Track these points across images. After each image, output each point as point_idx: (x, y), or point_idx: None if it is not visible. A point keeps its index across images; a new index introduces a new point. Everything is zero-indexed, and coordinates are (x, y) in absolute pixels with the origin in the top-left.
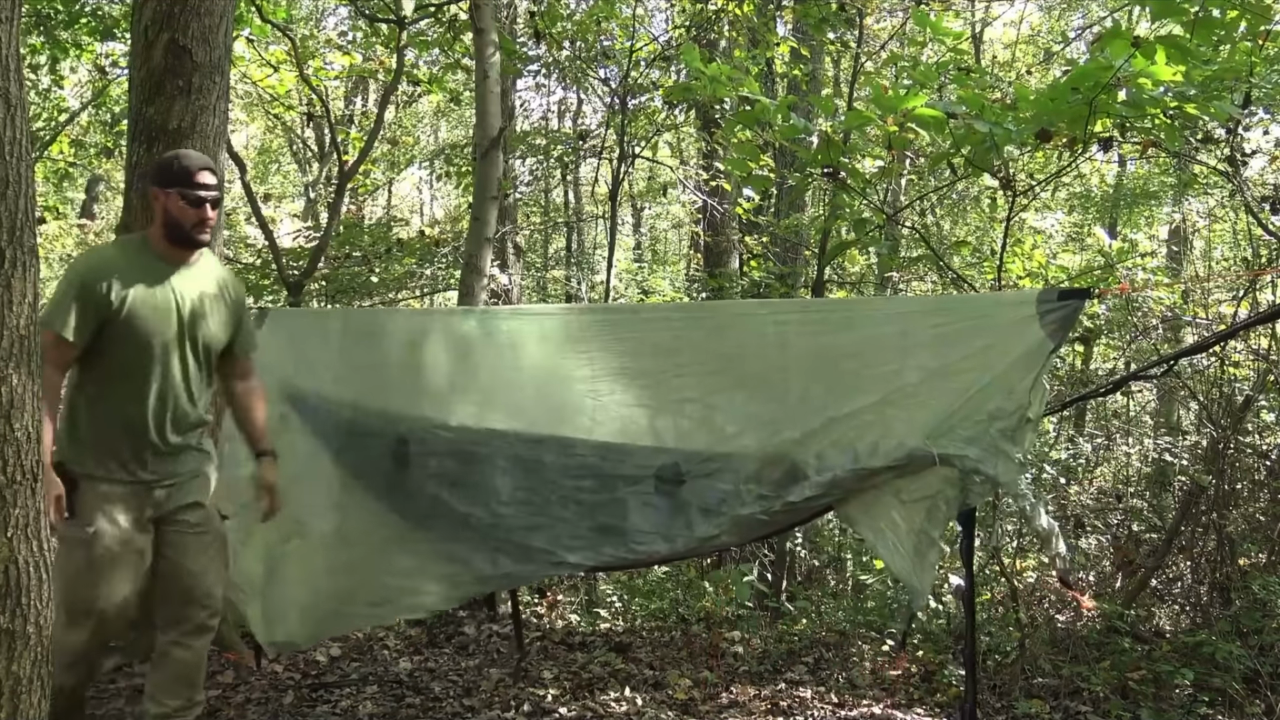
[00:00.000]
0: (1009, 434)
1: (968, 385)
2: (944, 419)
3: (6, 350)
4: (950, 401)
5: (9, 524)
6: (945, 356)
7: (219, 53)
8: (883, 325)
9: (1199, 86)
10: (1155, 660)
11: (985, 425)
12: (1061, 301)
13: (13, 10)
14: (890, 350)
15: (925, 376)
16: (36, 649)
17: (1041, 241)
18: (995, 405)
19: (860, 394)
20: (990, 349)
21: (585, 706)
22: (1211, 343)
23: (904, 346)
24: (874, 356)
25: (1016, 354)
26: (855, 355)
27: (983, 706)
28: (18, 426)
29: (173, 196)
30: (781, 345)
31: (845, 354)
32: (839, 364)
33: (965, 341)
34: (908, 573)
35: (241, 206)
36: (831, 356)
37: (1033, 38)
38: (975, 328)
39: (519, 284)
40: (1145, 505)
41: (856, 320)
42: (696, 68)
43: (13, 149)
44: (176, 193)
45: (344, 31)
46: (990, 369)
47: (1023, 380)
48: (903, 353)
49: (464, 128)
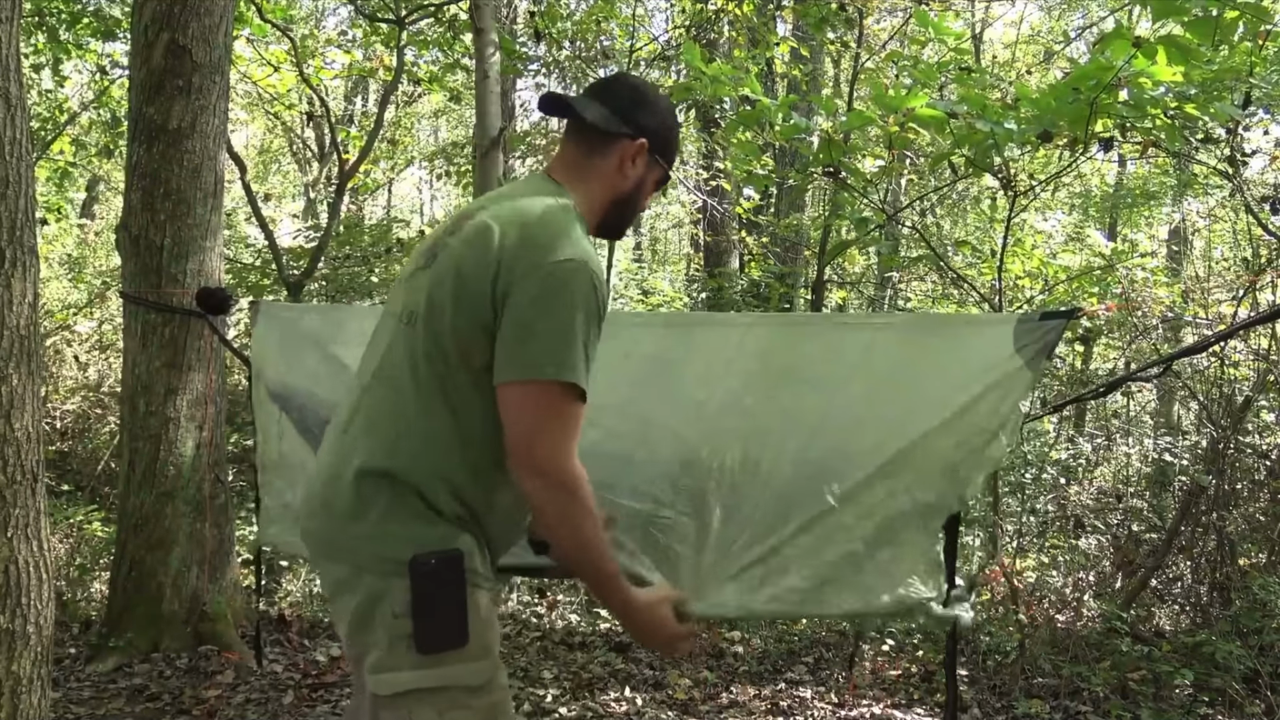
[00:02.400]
0: (968, 461)
1: (929, 415)
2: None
3: (6, 350)
4: (908, 430)
5: (9, 524)
6: (908, 378)
7: (219, 53)
8: (841, 341)
9: (1199, 86)
10: (1155, 660)
11: (947, 455)
12: (1042, 322)
13: (13, 10)
14: (844, 368)
15: (879, 397)
16: (36, 649)
17: (1042, 241)
18: (958, 438)
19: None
20: (960, 374)
21: (585, 706)
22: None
23: (863, 366)
24: (824, 373)
25: (988, 382)
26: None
27: (983, 706)
28: (18, 426)
29: None
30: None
31: (790, 368)
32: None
33: (931, 365)
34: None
35: (241, 206)
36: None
37: (1033, 38)
38: (945, 351)
39: None
40: (1145, 505)
41: (811, 334)
42: (697, 67)
43: (13, 149)
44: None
45: (344, 31)
46: (955, 399)
47: (994, 411)
48: (858, 373)
49: (464, 128)
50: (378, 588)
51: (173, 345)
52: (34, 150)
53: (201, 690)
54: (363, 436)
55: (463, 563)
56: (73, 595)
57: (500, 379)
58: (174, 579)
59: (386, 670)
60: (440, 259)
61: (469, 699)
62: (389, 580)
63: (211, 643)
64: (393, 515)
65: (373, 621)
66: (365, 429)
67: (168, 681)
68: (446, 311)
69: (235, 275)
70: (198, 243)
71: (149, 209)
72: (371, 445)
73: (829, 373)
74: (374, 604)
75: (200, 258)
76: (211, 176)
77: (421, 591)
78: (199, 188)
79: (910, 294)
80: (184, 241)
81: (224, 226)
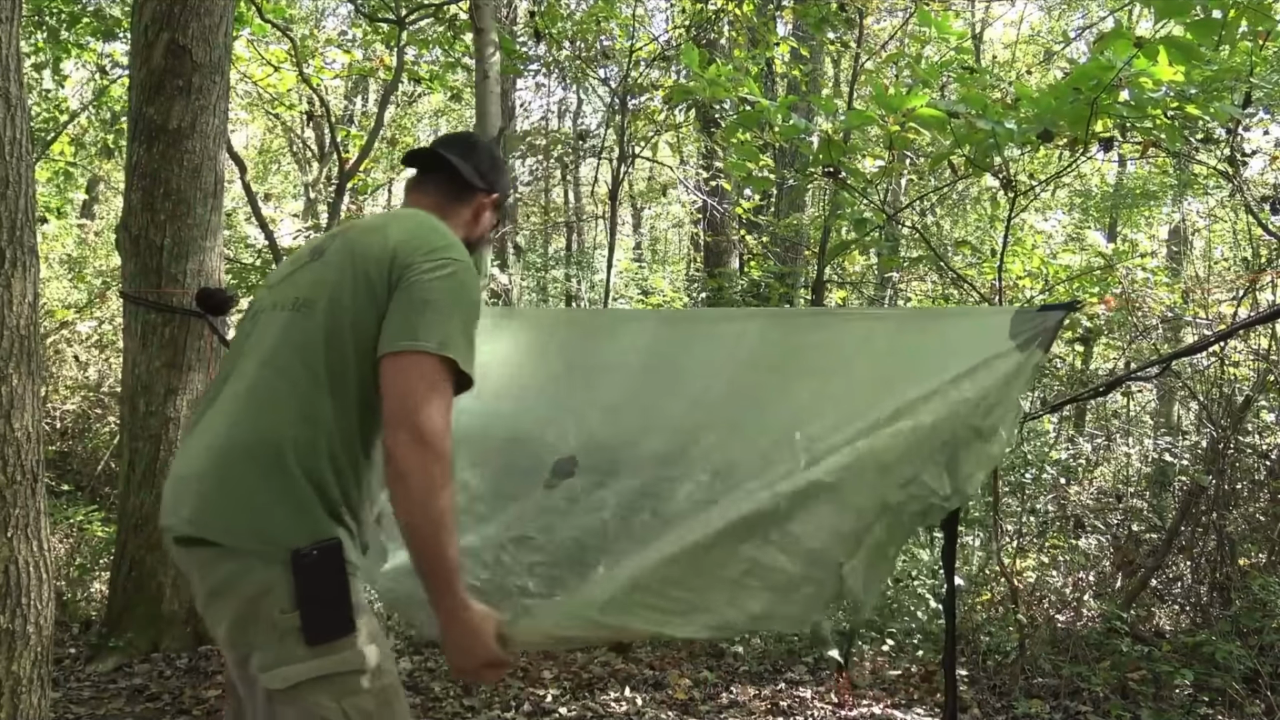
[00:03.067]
0: (968, 456)
1: (927, 409)
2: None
3: (6, 350)
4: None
5: (9, 524)
6: (904, 372)
7: (219, 53)
8: (838, 333)
9: (1200, 86)
10: (1155, 660)
11: (945, 446)
12: (1041, 313)
13: (13, 10)
14: (841, 360)
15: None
16: (36, 649)
17: (1042, 241)
18: (956, 428)
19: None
20: (956, 368)
21: (585, 706)
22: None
23: (857, 356)
24: (821, 363)
25: (988, 374)
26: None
27: (983, 706)
28: (18, 426)
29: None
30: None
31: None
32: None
33: (929, 359)
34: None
35: (241, 206)
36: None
37: (1033, 37)
38: (941, 345)
39: (519, 284)
40: (1145, 505)
41: (808, 327)
42: (696, 69)
43: (13, 149)
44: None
45: (344, 30)
46: (954, 392)
47: (994, 402)
48: (852, 363)
49: (464, 127)
50: (261, 582)
51: (173, 345)
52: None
53: (201, 690)
54: (250, 418)
55: (341, 551)
56: (73, 595)
57: (385, 350)
58: (174, 579)
59: (279, 665)
60: (331, 252)
61: (363, 683)
62: (272, 569)
63: (211, 643)
64: (279, 498)
65: (257, 619)
66: (254, 411)
67: (168, 681)
68: (345, 299)
69: (235, 275)
70: (198, 243)
71: (149, 209)
72: (260, 426)
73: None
74: (258, 601)
75: (200, 258)
76: (211, 176)
77: (306, 583)
78: (199, 188)
79: (910, 294)
80: (184, 241)
81: (224, 226)
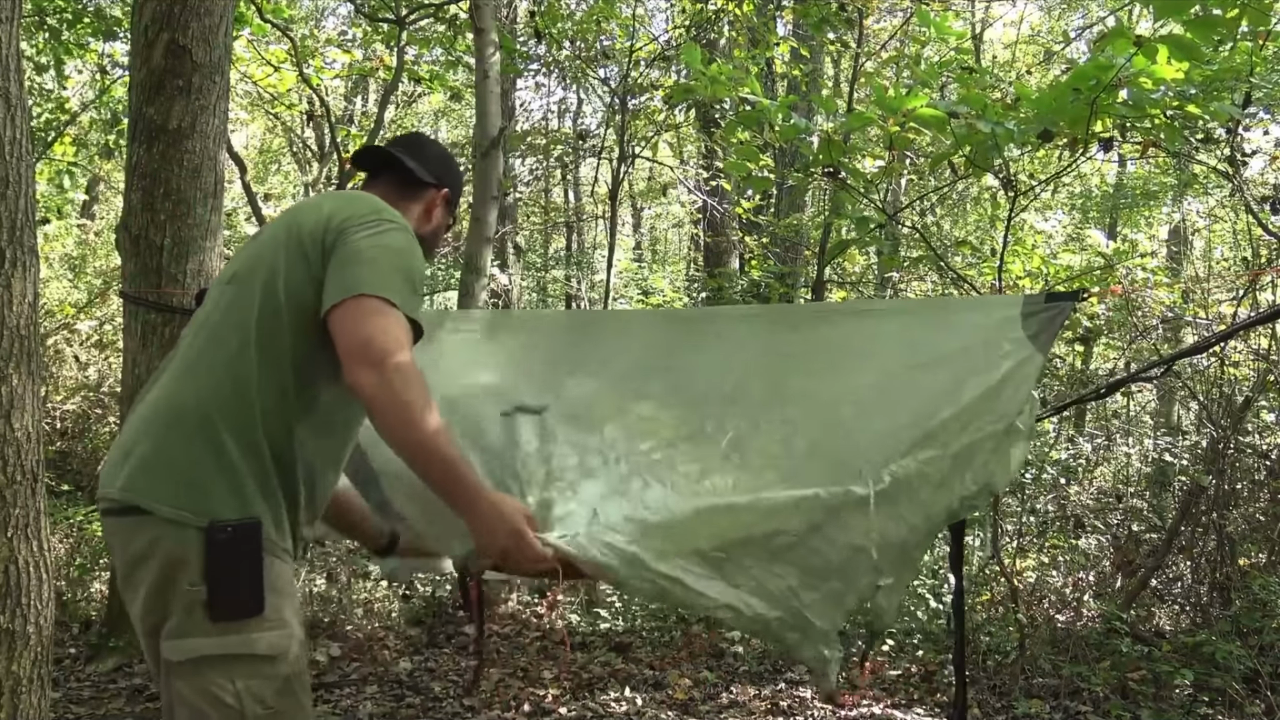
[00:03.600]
0: (995, 447)
1: (937, 401)
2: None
3: (6, 350)
4: (916, 414)
5: (9, 524)
6: (912, 364)
7: (219, 53)
8: (846, 327)
9: (1199, 86)
10: (1155, 660)
11: (968, 440)
12: (1048, 304)
13: (13, 10)
14: (852, 355)
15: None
16: (36, 649)
17: (1042, 241)
18: (973, 420)
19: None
20: (967, 358)
21: (585, 706)
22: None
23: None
24: (828, 359)
25: (998, 365)
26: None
27: (983, 706)
28: (18, 426)
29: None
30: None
31: (793, 354)
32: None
33: (938, 350)
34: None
35: (241, 206)
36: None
37: (1033, 37)
38: (951, 335)
39: (519, 284)
40: (1145, 505)
41: (811, 320)
42: (697, 68)
43: (13, 149)
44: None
45: (344, 30)
46: (967, 382)
47: (1011, 393)
48: (868, 358)
49: (464, 127)
50: (178, 550)
51: (173, 345)
52: (34, 150)
53: None
54: (181, 386)
55: (260, 531)
56: (73, 595)
57: (327, 306)
58: None
59: (181, 636)
60: (270, 229)
61: (265, 668)
62: (188, 536)
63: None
64: (208, 467)
65: (174, 587)
66: (187, 379)
67: None
68: (280, 267)
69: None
70: (198, 243)
71: (149, 209)
72: (191, 393)
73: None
74: (174, 569)
75: (200, 258)
76: (211, 176)
77: (216, 559)
78: (199, 188)
79: (910, 294)
80: (184, 241)
81: (224, 226)
